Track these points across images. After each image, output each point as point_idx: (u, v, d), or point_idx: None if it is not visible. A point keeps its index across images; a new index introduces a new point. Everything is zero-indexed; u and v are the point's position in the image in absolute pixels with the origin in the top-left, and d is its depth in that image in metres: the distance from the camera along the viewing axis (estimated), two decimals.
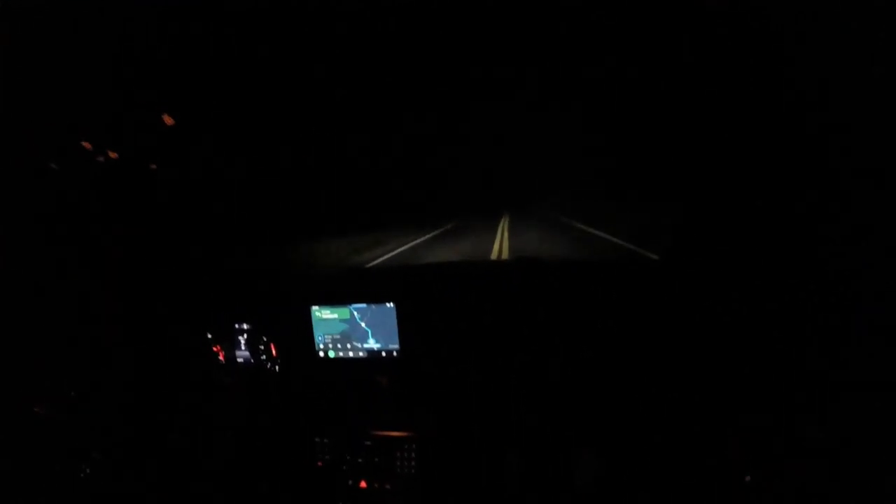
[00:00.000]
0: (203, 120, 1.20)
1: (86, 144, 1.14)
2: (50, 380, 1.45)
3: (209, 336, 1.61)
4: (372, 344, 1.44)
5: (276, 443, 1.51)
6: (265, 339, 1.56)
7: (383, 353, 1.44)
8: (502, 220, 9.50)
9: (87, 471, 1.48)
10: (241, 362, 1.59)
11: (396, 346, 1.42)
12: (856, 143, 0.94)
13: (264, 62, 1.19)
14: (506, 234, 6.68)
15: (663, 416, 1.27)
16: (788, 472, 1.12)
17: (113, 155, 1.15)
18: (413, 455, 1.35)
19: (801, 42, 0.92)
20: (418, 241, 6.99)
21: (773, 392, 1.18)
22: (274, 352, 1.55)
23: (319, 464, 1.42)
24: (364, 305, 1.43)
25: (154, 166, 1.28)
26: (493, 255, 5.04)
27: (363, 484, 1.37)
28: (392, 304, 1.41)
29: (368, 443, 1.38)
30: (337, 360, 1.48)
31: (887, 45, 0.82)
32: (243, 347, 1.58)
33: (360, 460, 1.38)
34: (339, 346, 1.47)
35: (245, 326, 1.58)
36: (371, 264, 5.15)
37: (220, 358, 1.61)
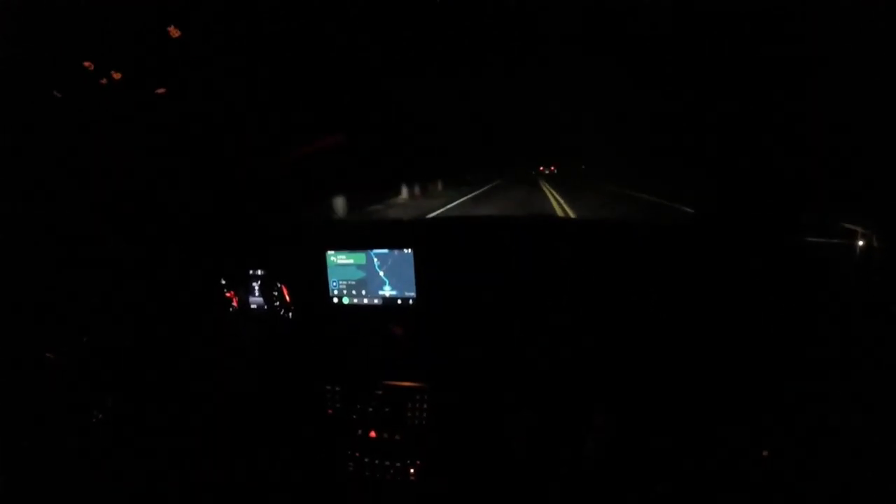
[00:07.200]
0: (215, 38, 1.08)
1: (87, 64, 1.05)
2: (62, 325, 1.44)
3: (223, 282, 1.59)
4: (388, 291, 1.39)
5: (286, 389, 1.49)
6: (279, 284, 1.53)
7: (399, 301, 1.39)
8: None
9: (99, 416, 1.47)
10: (254, 308, 1.57)
11: (413, 294, 1.37)
12: None
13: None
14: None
15: (684, 382, 1.21)
16: (809, 449, 1.06)
17: (116, 76, 1.07)
18: (424, 406, 1.31)
19: None
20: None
21: (803, 365, 1.11)
22: (287, 297, 1.52)
23: (330, 412, 1.40)
24: (382, 251, 1.39)
25: (162, 91, 1.18)
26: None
27: (373, 434, 1.34)
28: (410, 251, 1.36)
29: (380, 392, 1.34)
30: (351, 306, 1.45)
31: None
32: (257, 293, 1.56)
33: (370, 409, 1.34)
34: (353, 292, 1.43)
35: (259, 272, 1.56)
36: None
37: (234, 304, 1.59)
